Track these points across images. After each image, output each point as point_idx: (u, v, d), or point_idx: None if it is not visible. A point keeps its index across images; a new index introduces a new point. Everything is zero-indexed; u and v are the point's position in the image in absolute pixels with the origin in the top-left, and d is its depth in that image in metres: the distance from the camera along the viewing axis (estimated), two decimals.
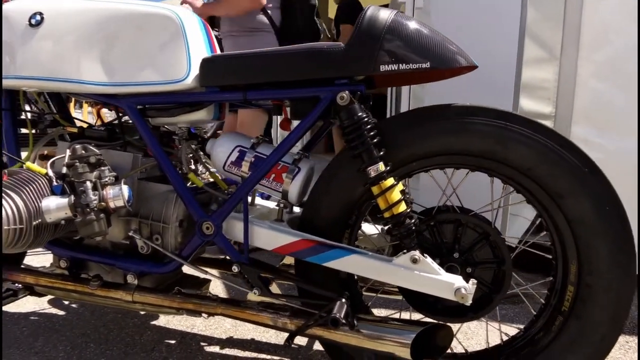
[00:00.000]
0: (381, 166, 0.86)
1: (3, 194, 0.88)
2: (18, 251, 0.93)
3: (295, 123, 1.01)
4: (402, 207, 0.87)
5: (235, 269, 0.95)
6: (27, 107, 1.27)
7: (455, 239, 0.97)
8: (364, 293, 1.08)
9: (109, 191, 0.97)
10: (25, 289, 1.43)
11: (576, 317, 0.91)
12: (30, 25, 1.04)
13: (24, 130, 1.26)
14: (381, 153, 0.87)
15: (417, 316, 1.00)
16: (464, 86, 1.60)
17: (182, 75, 0.99)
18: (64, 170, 0.99)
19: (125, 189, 0.97)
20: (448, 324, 0.92)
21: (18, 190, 0.89)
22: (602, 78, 1.80)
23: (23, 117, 1.23)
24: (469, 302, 0.84)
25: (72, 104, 2.14)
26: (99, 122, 1.38)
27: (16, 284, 1.49)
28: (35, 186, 0.93)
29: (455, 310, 0.97)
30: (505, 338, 1.03)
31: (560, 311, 0.94)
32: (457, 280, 0.86)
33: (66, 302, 1.54)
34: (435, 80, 1.01)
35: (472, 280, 0.86)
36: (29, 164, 0.99)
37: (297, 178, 0.99)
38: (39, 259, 1.84)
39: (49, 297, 1.54)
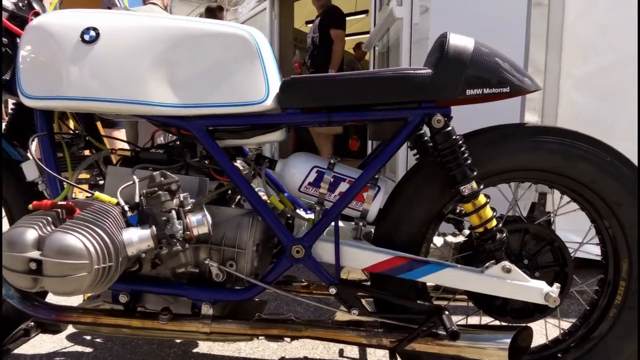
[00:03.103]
0: (474, 184, 0.92)
1: (85, 230, 0.80)
2: (98, 292, 0.86)
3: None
4: (494, 222, 0.94)
5: (333, 290, 0.95)
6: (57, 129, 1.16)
7: (522, 246, 1.05)
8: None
9: (192, 219, 0.92)
10: (38, 326, 1.30)
11: (629, 307, 1.04)
12: (84, 41, 0.96)
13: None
14: (474, 173, 0.93)
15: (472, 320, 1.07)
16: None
17: (262, 97, 0.97)
18: (137, 198, 0.93)
19: (208, 215, 0.93)
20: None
21: (101, 224, 0.82)
22: (581, 90, 2.03)
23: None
24: (558, 303, 0.92)
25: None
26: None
27: (29, 324, 1.35)
28: (111, 218, 0.86)
29: (523, 311, 1.06)
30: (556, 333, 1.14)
31: (613, 304, 1.07)
32: (544, 285, 0.94)
33: (88, 337, 1.41)
34: (495, 100, 1.08)
35: (556, 284, 0.95)
36: (98, 193, 0.91)
37: (378, 197, 1.02)
38: None
39: (66, 333, 1.41)
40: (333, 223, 0.98)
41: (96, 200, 0.90)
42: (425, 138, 1.19)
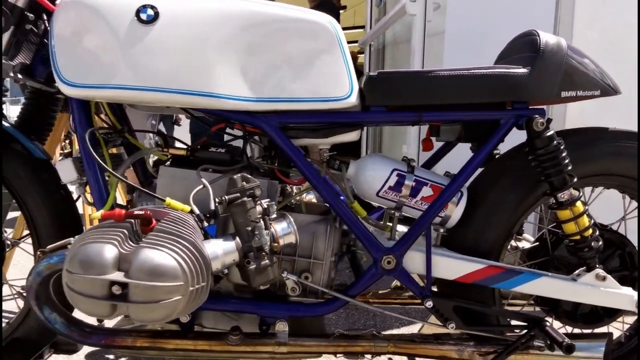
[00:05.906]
0: (573, 191, 0.89)
1: (175, 245, 0.68)
2: (181, 316, 0.73)
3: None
4: (590, 230, 0.91)
5: (429, 304, 0.88)
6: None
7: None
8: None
9: (277, 227, 0.82)
10: (51, 346, 1.15)
11: None
12: (140, 21, 0.82)
13: None
14: (575, 179, 0.89)
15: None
16: None
17: (346, 93, 0.88)
18: (211, 205, 0.81)
19: (293, 222, 0.84)
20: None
21: (188, 237, 0.70)
22: None
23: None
24: None
25: None
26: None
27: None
28: (192, 229, 0.74)
29: (592, 316, 1.05)
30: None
31: None
32: (634, 292, 0.93)
33: (110, 356, 1.25)
34: (576, 101, 1.05)
35: None
36: (169, 200, 0.78)
37: (462, 203, 0.96)
38: None
39: (84, 352, 1.25)
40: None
41: (168, 207, 0.77)
42: None
